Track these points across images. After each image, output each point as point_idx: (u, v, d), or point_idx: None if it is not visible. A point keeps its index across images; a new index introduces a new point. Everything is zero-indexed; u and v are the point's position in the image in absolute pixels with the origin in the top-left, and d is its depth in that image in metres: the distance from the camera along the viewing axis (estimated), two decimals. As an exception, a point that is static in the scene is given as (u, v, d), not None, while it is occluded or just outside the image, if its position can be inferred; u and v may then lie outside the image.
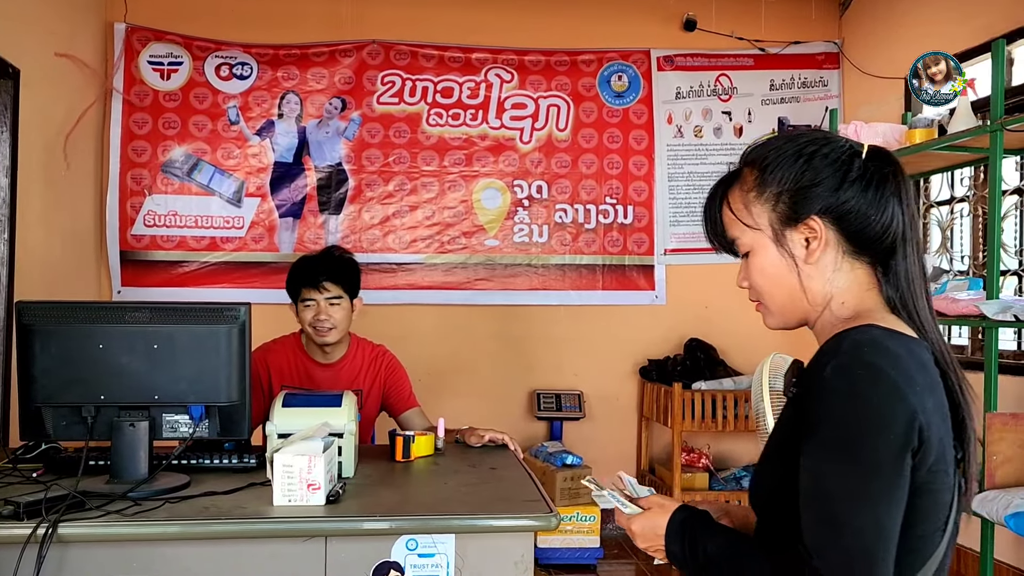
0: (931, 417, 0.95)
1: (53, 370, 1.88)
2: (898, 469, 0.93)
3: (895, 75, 4.10)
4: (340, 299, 2.62)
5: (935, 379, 0.99)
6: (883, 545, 0.93)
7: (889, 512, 0.93)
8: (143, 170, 4.22)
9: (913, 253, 1.03)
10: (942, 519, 0.98)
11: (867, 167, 1.05)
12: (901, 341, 1.00)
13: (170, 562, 1.73)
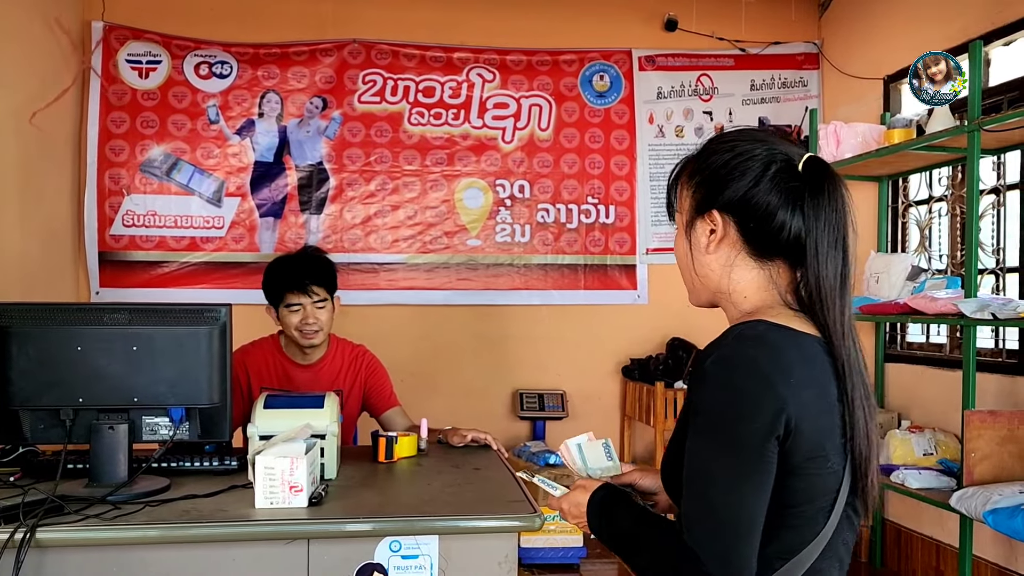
0: (806, 409, 1.01)
1: (30, 372, 1.85)
2: (762, 454, 1.00)
3: (874, 75, 4.14)
4: (325, 301, 2.61)
5: (823, 375, 1.05)
6: (745, 523, 1.00)
7: (753, 493, 1.00)
8: (121, 170, 4.17)
9: (831, 262, 1.06)
10: (826, 502, 1.04)
11: (782, 175, 1.09)
12: (789, 336, 1.06)
13: (150, 567, 1.71)
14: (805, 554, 1.03)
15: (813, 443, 1.01)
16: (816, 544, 1.04)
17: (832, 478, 1.04)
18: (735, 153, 1.12)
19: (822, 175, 1.08)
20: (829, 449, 1.03)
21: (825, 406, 1.04)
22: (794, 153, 1.10)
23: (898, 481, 3.20)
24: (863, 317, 3.48)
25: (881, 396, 4.00)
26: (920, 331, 3.92)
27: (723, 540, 1.01)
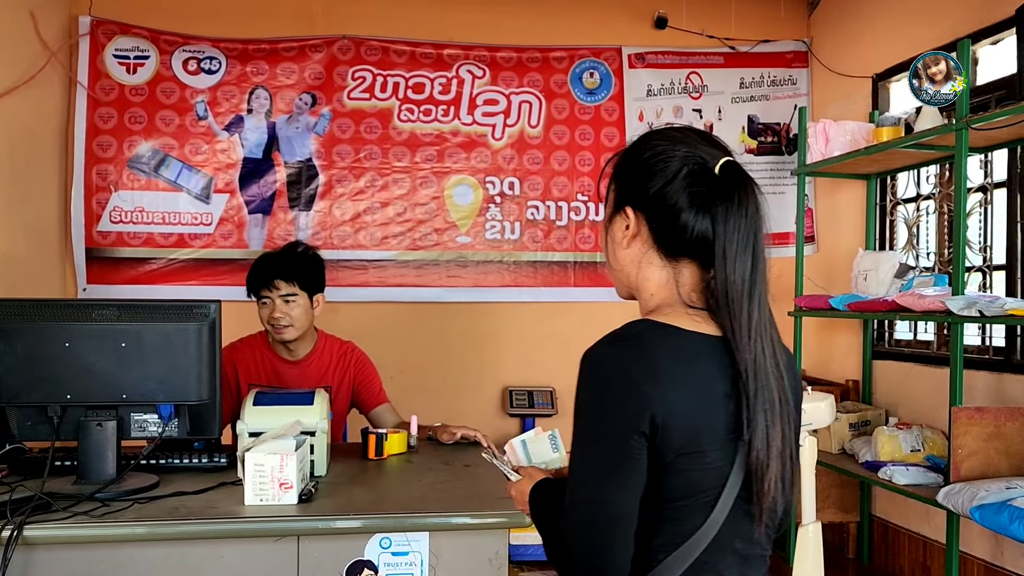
0: (676, 405, 1.03)
1: (17, 369, 1.84)
2: (626, 451, 1.03)
3: (863, 74, 4.16)
4: (295, 296, 2.59)
5: (706, 373, 1.07)
6: (609, 518, 1.04)
7: (617, 489, 1.04)
8: (109, 165, 4.14)
9: (738, 266, 1.07)
10: (708, 496, 1.05)
11: (694, 178, 1.10)
12: (669, 335, 1.08)
13: (139, 564, 1.70)
14: (689, 546, 1.05)
15: (687, 439, 1.03)
16: (700, 537, 1.05)
17: (713, 473, 1.05)
18: (653, 152, 1.14)
19: (734, 180, 1.10)
20: (708, 445, 1.05)
21: (705, 403, 1.05)
22: (712, 156, 1.12)
23: (885, 477, 3.22)
24: (851, 314, 3.50)
25: (869, 393, 4.02)
26: (908, 328, 3.94)
27: (587, 534, 1.05)
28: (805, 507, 2.72)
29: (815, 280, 4.12)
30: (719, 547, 1.07)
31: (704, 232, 1.09)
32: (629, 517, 1.05)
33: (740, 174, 1.11)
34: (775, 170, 4.68)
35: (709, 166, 1.10)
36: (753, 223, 1.09)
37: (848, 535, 4.10)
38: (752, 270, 1.08)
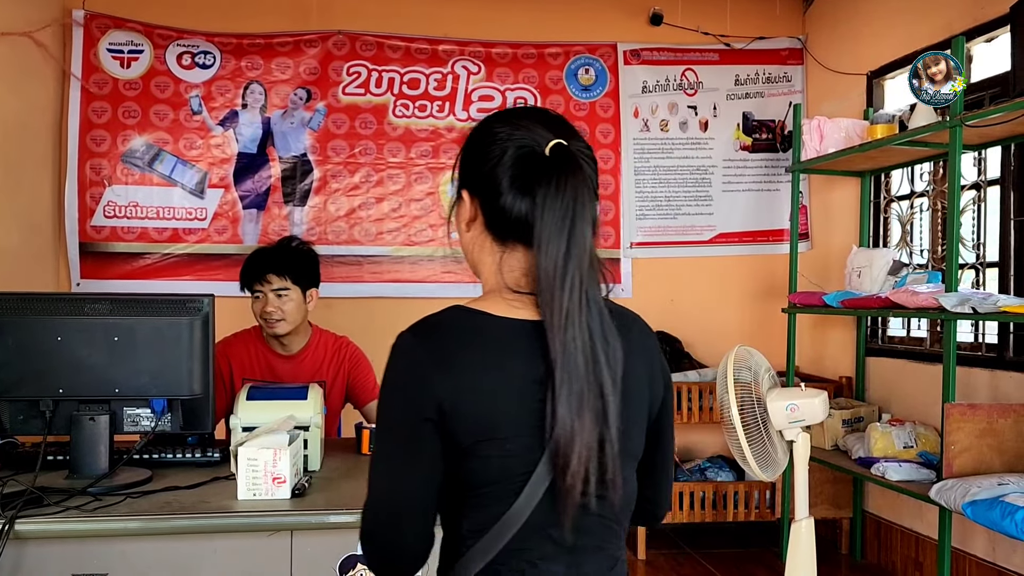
0: (468, 393, 1.02)
1: (9, 363, 1.84)
2: (412, 438, 1.04)
3: (857, 71, 4.16)
4: (287, 291, 2.59)
5: (514, 359, 1.05)
6: (398, 500, 1.06)
7: (405, 476, 1.05)
8: (102, 160, 4.13)
9: (552, 249, 1.03)
10: (514, 484, 1.03)
11: (521, 160, 1.08)
12: (477, 320, 1.08)
13: (131, 559, 1.70)
14: (494, 533, 1.03)
15: (483, 426, 1.02)
16: (505, 523, 1.03)
17: (517, 461, 1.03)
18: (485, 134, 1.12)
19: (560, 163, 1.06)
20: (509, 432, 1.03)
21: (505, 390, 1.03)
22: (545, 139, 1.08)
23: (878, 473, 3.23)
24: (845, 311, 3.51)
25: (862, 389, 4.04)
26: (901, 325, 3.95)
27: (378, 517, 1.07)
28: (798, 503, 2.73)
29: (809, 277, 4.13)
30: (531, 535, 1.04)
31: (525, 214, 1.07)
32: (420, 501, 1.06)
33: (568, 156, 1.07)
34: (770, 167, 4.69)
35: (538, 149, 1.08)
36: (571, 206, 1.04)
37: (841, 531, 4.11)
38: (566, 254, 1.03)
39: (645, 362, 1.16)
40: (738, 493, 4.08)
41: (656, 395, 1.18)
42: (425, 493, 1.06)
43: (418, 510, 1.06)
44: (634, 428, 1.13)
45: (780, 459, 2.75)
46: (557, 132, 1.10)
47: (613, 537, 1.12)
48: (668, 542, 4.23)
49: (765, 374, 2.78)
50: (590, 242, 1.06)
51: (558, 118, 1.14)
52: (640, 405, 1.14)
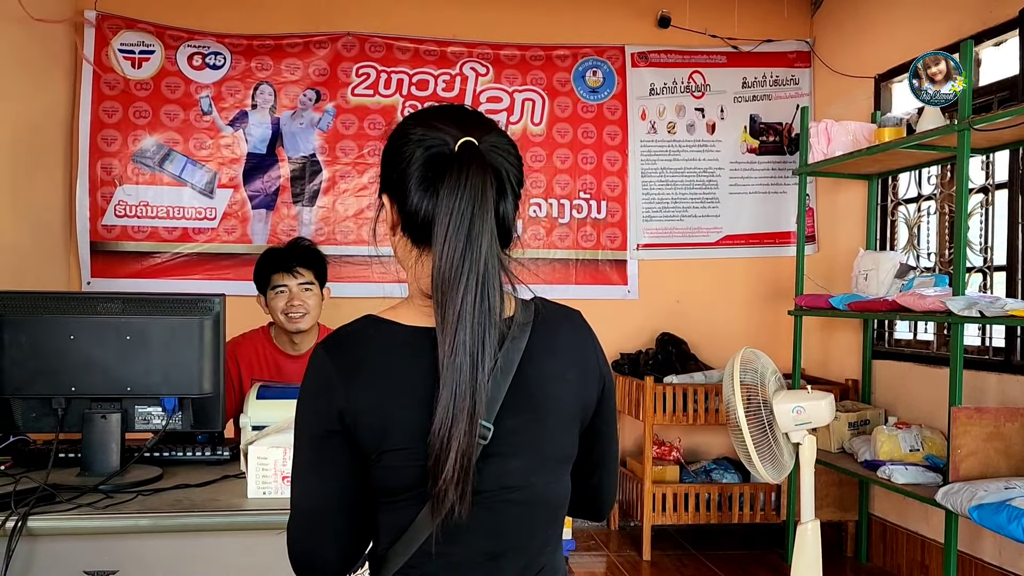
0: (369, 404, 1.02)
1: (22, 361, 1.86)
2: (319, 449, 1.05)
3: (865, 74, 4.16)
4: (312, 285, 2.63)
5: (414, 369, 1.03)
6: (309, 507, 1.07)
7: (315, 481, 1.06)
8: (113, 160, 4.16)
9: (448, 250, 1.00)
10: (420, 493, 1.02)
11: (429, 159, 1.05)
12: (383, 330, 1.07)
13: (142, 555, 1.72)
14: (406, 539, 1.04)
15: (385, 436, 1.02)
16: (415, 530, 1.03)
17: (421, 470, 1.01)
18: (400, 136, 1.09)
19: (463, 160, 1.03)
20: (410, 443, 1.01)
21: (404, 400, 1.02)
22: (454, 137, 1.05)
23: (884, 476, 3.23)
24: (852, 314, 3.51)
25: (868, 392, 4.04)
26: (908, 328, 3.95)
27: (292, 526, 1.09)
28: (804, 505, 2.74)
29: (815, 280, 4.13)
30: (444, 540, 1.03)
31: (428, 215, 1.04)
32: (330, 509, 1.06)
33: (471, 153, 1.03)
34: (777, 170, 4.69)
35: (447, 149, 1.04)
36: (471, 205, 1.00)
37: (847, 533, 4.11)
38: (463, 255, 1.00)
39: (571, 362, 1.11)
40: (743, 495, 4.08)
41: (588, 395, 1.13)
42: (337, 502, 1.06)
43: (331, 519, 1.07)
44: (560, 430, 1.09)
45: (786, 461, 2.76)
46: (469, 129, 1.06)
47: (539, 543, 1.10)
48: (673, 543, 4.23)
49: (771, 376, 2.79)
50: (492, 242, 1.02)
51: (474, 115, 1.11)
52: (566, 407, 1.10)
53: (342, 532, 1.08)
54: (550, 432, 1.08)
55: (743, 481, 4.16)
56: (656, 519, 4.01)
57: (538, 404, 1.06)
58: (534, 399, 1.06)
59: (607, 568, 3.91)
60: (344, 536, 1.08)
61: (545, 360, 1.07)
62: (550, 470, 1.09)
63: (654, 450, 4.19)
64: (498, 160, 1.07)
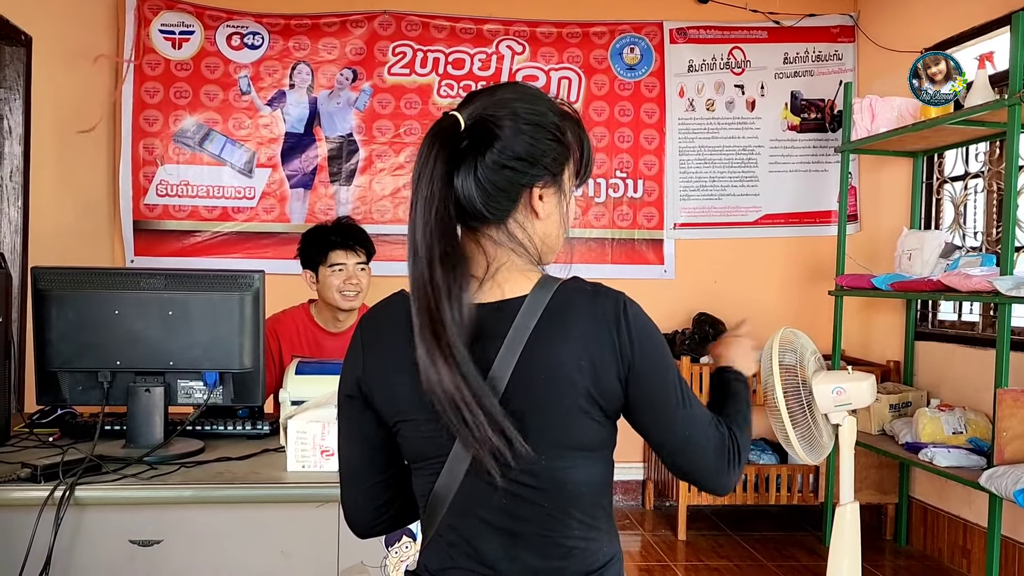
0: (377, 374, 1.08)
1: (69, 335, 1.90)
2: (346, 412, 1.13)
3: (911, 48, 4.05)
4: (366, 265, 2.66)
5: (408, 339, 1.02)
6: (344, 472, 1.17)
7: (346, 448, 1.15)
8: (155, 139, 4.22)
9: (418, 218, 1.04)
10: (434, 464, 1.06)
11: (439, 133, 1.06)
12: (403, 302, 1.08)
13: (184, 526, 1.75)
14: (430, 507, 1.08)
15: (399, 406, 1.07)
16: (434, 502, 1.06)
17: (430, 443, 1.05)
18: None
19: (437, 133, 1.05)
20: (420, 415, 1.03)
21: (410, 373, 1.01)
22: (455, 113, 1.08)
23: (926, 459, 3.18)
24: (894, 294, 3.45)
25: (910, 374, 3.97)
26: (952, 309, 3.87)
27: (340, 480, 1.18)
28: (843, 487, 2.70)
29: (857, 259, 4.06)
30: (463, 513, 1.06)
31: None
32: (360, 468, 1.15)
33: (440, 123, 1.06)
34: (818, 147, 4.60)
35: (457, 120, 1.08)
36: (431, 171, 1.02)
37: (886, 516, 4.06)
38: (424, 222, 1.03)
39: (583, 349, 1.03)
40: (781, 476, 4.05)
41: (605, 385, 1.04)
42: (363, 461, 1.14)
43: (361, 476, 1.15)
44: (570, 416, 1.04)
45: (825, 443, 2.72)
46: (467, 102, 1.10)
47: (559, 525, 1.06)
48: (708, 523, 4.22)
49: (811, 357, 2.74)
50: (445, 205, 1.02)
51: (486, 88, 1.13)
52: (573, 394, 1.03)
53: (372, 489, 1.16)
54: (558, 419, 1.04)
55: (780, 462, 4.12)
56: (691, 499, 4.00)
57: (544, 389, 1.03)
58: (540, 383, 1.02)
59: (642, 547, 3.91)
60: (376, 493, 1.16)
61: (556, 345, 1.03)
62: (561, 456, 1.05)
63: (690, 430, 4.16)
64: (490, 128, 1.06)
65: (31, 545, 1.60)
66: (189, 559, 1.75)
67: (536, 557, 1.07)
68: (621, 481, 4.52)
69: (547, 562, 1.07)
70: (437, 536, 1.09)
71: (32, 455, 1.87)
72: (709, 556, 3.78)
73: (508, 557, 1.06)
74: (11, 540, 1.65)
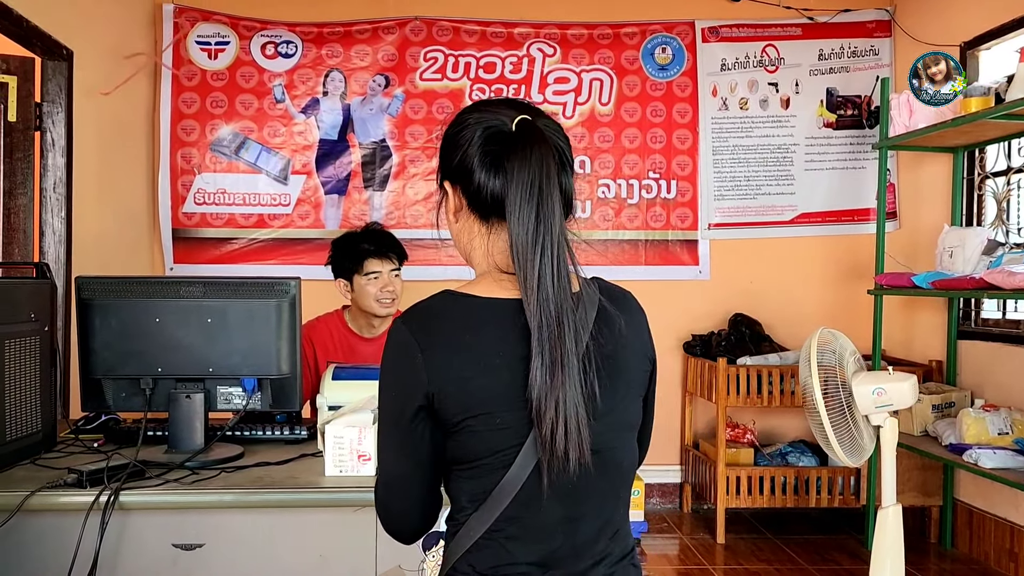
0: (454, 371, 1.06)
1: (112, 343, 1.94)
2: (401, 421, 1.10)
3: (950, 42, 3.98)
4: (399, 271, 2.68)
5: (499, 336, 1.07)
6: (392, 480, 1.15)
7: (396, 455, 1.13)
8: (192, 149, 4.29)
9: (521, 221, 1.06)
10: (507, 455, 1.07)
11: (489, 140, 1.11)
12: (461, 302, 1.11)
13: (226, 529, 1.78)
14: (492, 501, 1.07)
15: (472, 402, 1.06)
16: (499, 493, 1.07)
17: (507, 433, 1.06)
18: (456, 125, 1.17)
19: (524, 136, 1.09)
20: (496, 407, 1.06)
21: (489, 366, 1.06)
22: (510, 117, 1.12)
23: (971, 461, 3.11)
24: (936, 292, 3.38)
25: (953, 374, 3.89)
26: (996, 307, 3.79)
27: (380, 493, 1.17)
28: (885, 489, 2.66)
29: (896, 258, 3.99)
30: (526, 504, 1.08)
31: (497, 191, 1.10)
32: (411, 478, 1.14)
33: (532, 129, 1.10)
34: (855, 144, 4.54)
35: (505, 128, 1.11)
36: (538, 176, 1.07)
37: (930, 519, 3.99)
38: (536, 223, 1.06)
39: (639, 337, 1.19)
40: (821, 478, 3.99)
41: (648, 369, 1.21)
42: (418, 469, 1.13)
43: (412, 484, 1.14)
44: (629, 398, 1.16)
45: (866, 444, 2.68)
46: (522, 111, 1.14)
47: (612, 506, 1.15)
48: (747, 527, 4.17)
49: (850, 357, 2.71)
50: (560, 212, 1.08)
51: (523, 101, 1.19)
52: (635, 378, 1.17)
53: (424, 496, 1.16)
54: (621, 398, 1.14)
55: (820, 464, 4.07)
56: (730, 502, 3.96)
57: (610, 372, 1.11)
58: (608, 366, 1.11)
59: (680, 551, 3.88)
60: (427, 499, 1.17)
61: (613, 332, 1.13)
62: (621, 436, 1.15)
63: (728, 433, 4.13)
64: (553, 137, 1.13)
65: (78, 548, 1.64)
66: (230, 562, 1.77)
67: (593, 541, 1.12)
68: (658, 484, 4.49)
69: (601, 545, 1.13)
70: (491, 533, 1.09)
71: (78, 460, 1.91)
72: (748, 560, 3.74)
73: (568, 544, 1.11)
74: (59, 543, 1.69)
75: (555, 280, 1.06)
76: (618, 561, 1.15)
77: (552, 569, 1.10)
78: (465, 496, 1.11)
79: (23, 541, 1.72)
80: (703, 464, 4.21)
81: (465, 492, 1.11)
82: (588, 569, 1.12)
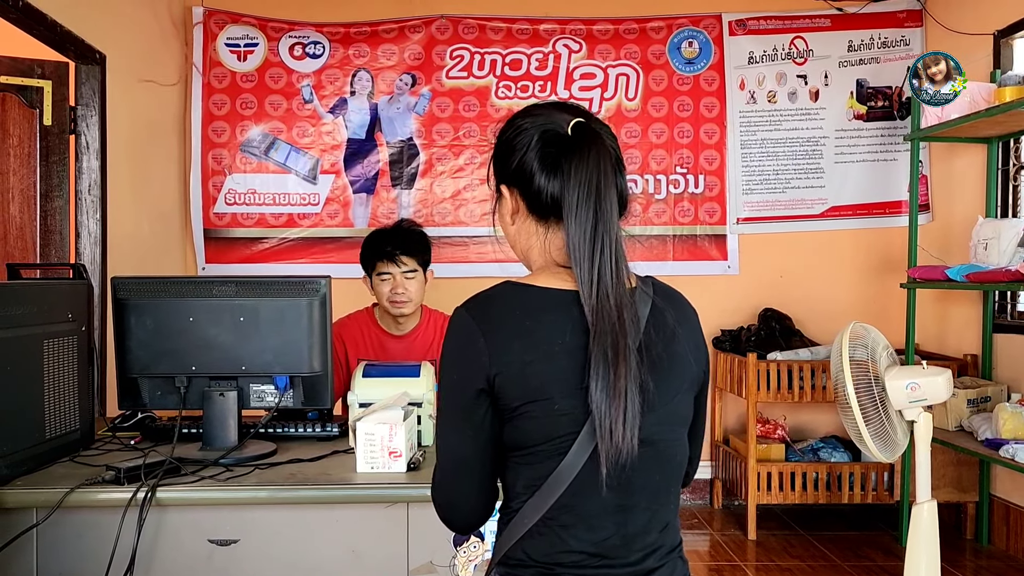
0: (515, 356, 1.09)
1: (147, 342, 1.97)
2: (464, 405, 1.13)
3: (983, 31, 3.92)
4: (415, 272, 2.68)
5: (557, 326, 1.10)
6: (453, 464, 1.18)
7: (458, 439, 1.15)
8: (223, 150, 4.34)
9: (579, 220, 1.10)
10: (563, 442, 1.09)
11: (546, 143, 1.15)
12: (522, 292, 1.15)
13: (260, 525, 1.80)
14: (547, 488, 1.10)
15: (531, 387, 1.09)
16: (554, 481, 1.09)
17: (565, 420, 1.09)
18: (512, 128, 1.20)
19: (581, 138, 1.13)
20: (555, 393, 1.08)
21: (549, 354, 1.09)
22: (566, 121, 1.15)
23: (1008, 456, 3.07)
24: (970, 285, 3.33)
25: (989, 368, 3.83)
26: (1033, 300, 3.73)
27: (438, 476, 1.21)
28: (919, 485, 2.63)
29: (929, 251, 3.94)
30: (581, 492, 1.10)
31: (556, 191, 1.14)
32: (473, 462, 1.16)
33: (588, 132, 1.14)
34: (886, 136, 4.48)
35: (561, 131, 1.15)
36: (596, 177, 1.11)
37: (966, 515, 3.93)
38: (595, 223, 1.10)
39: (692, 334, 1.21)
40: (853, 474, 3.95)
41: (701, 367, 1.22)
42: (480, 453, 1.15)
43: (475, 469, 1.16)
44: (681, 394, 1.18)
45: (900, 440, 2.65)
46: (576, 114, 1.18)
47: (663, 499, 1.17)
48: (779, 523, 4.14)
49: (883, 352, 2.68)
50: (616, 212, 1.13)
51: (574, 104, 1.23)
52: (688, 373, 1.19)
53: (486, 482, 1.19)
54: (674, 392, 1.16)
55: (853, 460, 4.03)
56: (761, 498, 3.94)
57: (665, 365, 1.14)
58: (661, 360, 1.14)
59: (711, 547, 3.87)
60: (484, 486, 1.19)
61: (667, 328, 1.16)
62: (673, 429, 1.18)
63: (758, 428, 4.10)
64: (608, 139, 1.17)
65: (116, 544, 1.67)
66: (265, 558, 1.80)
67: (644, 533, 1.14)
68: (688, 480, 4.47)
69: (652, 537, 1.15)
70: (545, 520, 1.11)
71: (115, 458, 1.94)
72: (780, 556, 3.72)
73: (619, 534, 1.13)
74: (97, 539, 1.72)
75: (614, 276, 1.10)
76: (668, 554, 1.17)
77: (604, 558, 1.12)
78: (521, 482, 1.13)
79: (63, 537, 1.76)
80: (734, 460, 4.19)
81: (522, 478, 1.13)
82: (639, 560, 1.13)
